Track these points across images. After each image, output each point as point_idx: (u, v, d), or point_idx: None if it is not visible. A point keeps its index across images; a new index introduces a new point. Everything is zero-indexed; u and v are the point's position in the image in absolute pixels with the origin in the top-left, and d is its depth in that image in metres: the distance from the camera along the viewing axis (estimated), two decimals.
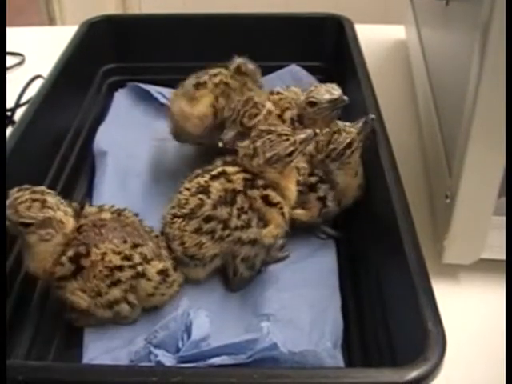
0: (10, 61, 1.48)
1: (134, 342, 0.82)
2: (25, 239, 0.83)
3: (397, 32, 1.54)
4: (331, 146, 0.93)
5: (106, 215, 0.87)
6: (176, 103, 1.05)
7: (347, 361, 0.80)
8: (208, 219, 0.86)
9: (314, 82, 1.24)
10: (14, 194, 0.83)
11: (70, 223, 0.84)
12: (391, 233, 0.79)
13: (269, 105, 1.02)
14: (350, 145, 0.93)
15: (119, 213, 0.88)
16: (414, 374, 0.60)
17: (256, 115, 0.99)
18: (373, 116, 0.93)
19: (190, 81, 1.07)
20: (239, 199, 0.86)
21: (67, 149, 1.10)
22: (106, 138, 1.17)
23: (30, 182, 0.95)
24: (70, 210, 0.85)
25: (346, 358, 0.80)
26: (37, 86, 1.30)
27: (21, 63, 1.50)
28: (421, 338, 0.64)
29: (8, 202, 0.82)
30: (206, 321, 0.77)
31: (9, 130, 1.23)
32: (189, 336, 0.74)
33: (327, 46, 1.28)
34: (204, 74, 1.07)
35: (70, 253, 0.83)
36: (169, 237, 0.88)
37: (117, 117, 1.24)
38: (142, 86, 1.30)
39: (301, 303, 0.87)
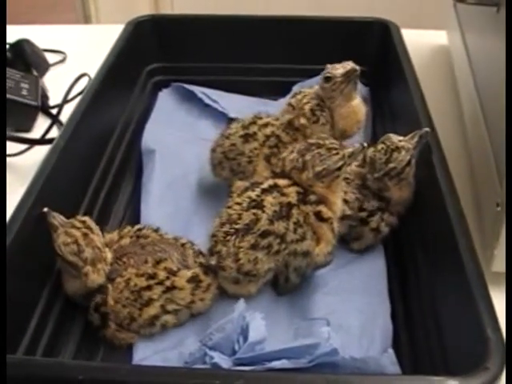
0: (52, 58, 1.49)
1: (184, 342, 0.83)
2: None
3: (437, 37, 1.54)
4: (391, 165, 0.92)
5: (126, 241, 0.88)
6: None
7: None
8: (265, 234, 0.85)
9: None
10: (71, 222, 0.85)
11: (95, 281, 0.84)
12: (444, 237, 0.79)
13: None
14: (409, 162, 0.92)
15: (138, 235, 0.89)
16: (476, 382, 0.60)
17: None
18: (427, 129, 0.92)
19: (237, 130, 1.05)
20: (295, 212, 0.86)
21: (113, 147, 1.11)
22: (153, 136, 1.17)
23: (79, 178, 0.98)
24: (102, 268, 0.84)
25: None
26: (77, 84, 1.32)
27: (62, 61, 1.51)
28: (479, 345, 0.64)
29: (62, 222, 0.84)
30: (262, 323, 0.77)
31: (55, 129, 1.24)
32: (245, 338, 0.74)
33: (373, 50, 1.27)
34: (251, 122, 1.05)
35: (92, 303, 0.84)
36: (222, 255, 0.85)
37: (161, 116, 1.24)
38: (186, 86, 1.30)
39: (350, 308, 0.87)
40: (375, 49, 1.27)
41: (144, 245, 0.87)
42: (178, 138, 1.18)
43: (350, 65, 1.05)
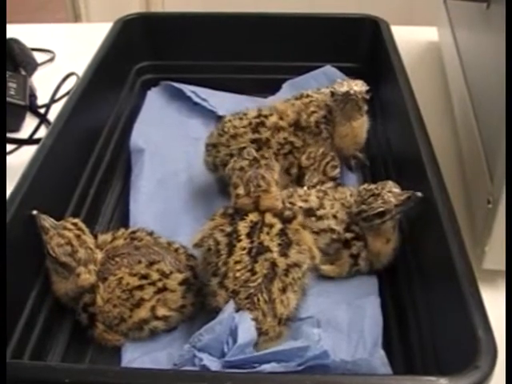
0: (41, 57, 1.48)
1: (174, 343, 0.83)
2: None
3: (428, 33, 1.53)
4: (363, 206, 0.89)
5: (119, 242, 0.88)
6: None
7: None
8: (287, 272, 0.80)
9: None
10: (63, 224, 0.85)
11: (87, 280, 0.84)
12: (435, 237, 0.78)
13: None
14: (381, 214, 0.87)
15: (132, 237, 0.89)
16: (467, 381, 0.60)
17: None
18: (420, 195, 0.85)
19: (245, 131, 1.04)
20: (290, 233, 0.83)
21: (102, 146, 1.10)
22: (142, 135, 1.17)
23: (67, 178, 0.98)
24: (93, 269, 0.84)
25: None
26: (66, 82, 1.31)
27: (51, 60, 1.50)
28: (470, 345, 0.63)
29: (53, 224, 0.84)
30: (252, 324, 0.76)
31: (43, 128, 1.23)
32: (234, 340, 0.73)
33: (363, 48, 1.27)
34: (259, 123, 1.04)
35: (81, 303, 0.84)
36: (259, 320, 0.78)
37: (150, 115, 1.24)
38: (175, 84, 1.29)
39: (338, 304, 0.87)
40: (365, 46, 1.27)
41: (138, 247, 0.87)
42: (167, 137, 1.17)
43: (356, 86, 1.03)
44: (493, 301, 0.84)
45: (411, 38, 1.51)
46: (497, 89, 0.88)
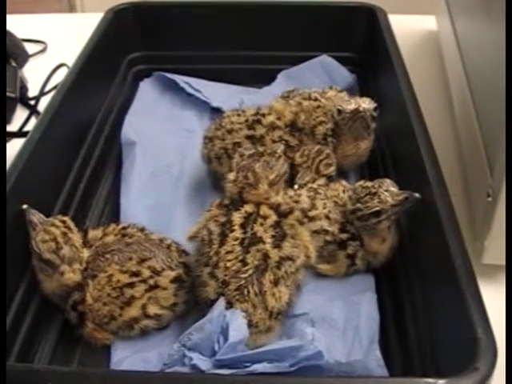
0: (33, 48, 1.46)
1: (164, 342, 0.81)
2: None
3: (426, 22, 1.52)
4: (358, 205, 0.86)
5: (110, 238, 0.86)
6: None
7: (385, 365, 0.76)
8: (279, 264, 0.78)
9: (345, 74, 1.23)
10: (51, 221, 0.83)
11: (71, 279, 0.82)
12: (434, 232, 0.76)
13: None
14: (377, 214, 0.85)
15: (123, 233, 0.87)
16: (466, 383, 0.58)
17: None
18: (418, 196, 0.83)
19: (241, 127, 1.02)
20: (285, 228, 0.81)
21: (93, 139, 1.08)
22: (133, 127, 1.15)
23: (56, 171, 0.96)
24: (78, 268, 0.82)
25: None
26: (59, 74, 1.29)
27: (43, 51, 1.48)
28: (470, 345, 0.62)
29: (41, 220, 0.83)
30: (244, 322, 0.74)
31: (33, 120, 1.21)
32: (225, 338, 0.71)
33: (359, 37, 1.26)
34: (255, 120, 1.03)
35: (70, 301, 0.83)
36: (249, 312, 0.76)
37: (142, 107, 1.22)
38: (168, 75, 1.27)
39: (333, 301, 0.85)
40: (362, 35, 1.26)
41: (129, 243, 0.85)
42: (160, 129, 1.16)
43: (364, 104, 1.01)
44: (492, 296, 0.82)
45: (409, 27, 1.49)
46: (496, 79, 0.86)
